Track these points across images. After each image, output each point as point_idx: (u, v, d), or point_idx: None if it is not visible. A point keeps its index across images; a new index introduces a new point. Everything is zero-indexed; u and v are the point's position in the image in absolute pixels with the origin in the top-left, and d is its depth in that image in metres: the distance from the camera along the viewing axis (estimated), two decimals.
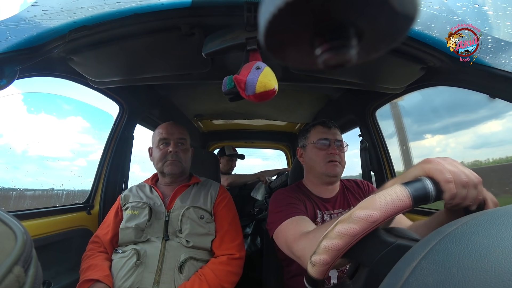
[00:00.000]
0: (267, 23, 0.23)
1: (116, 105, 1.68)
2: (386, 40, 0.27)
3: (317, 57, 0.27)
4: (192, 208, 1.28)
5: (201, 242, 1.23)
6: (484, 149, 1.65)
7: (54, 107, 1.82)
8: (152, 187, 1.38)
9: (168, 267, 1.15)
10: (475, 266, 0.30)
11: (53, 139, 1.94)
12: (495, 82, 0.93)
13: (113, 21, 0.85)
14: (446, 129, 1.95)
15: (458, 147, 1.84)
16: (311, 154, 1.28)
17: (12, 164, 1.52)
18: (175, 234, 1.23)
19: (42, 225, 1.26)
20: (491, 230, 0.34)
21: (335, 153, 1.22)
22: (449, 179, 0.52)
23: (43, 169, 1.73)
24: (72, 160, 2.11)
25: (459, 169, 0.53)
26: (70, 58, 1.01)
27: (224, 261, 1.21)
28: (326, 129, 1.27)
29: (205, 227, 1.26)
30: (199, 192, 1.37)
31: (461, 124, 1.81)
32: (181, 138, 1.38)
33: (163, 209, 1.28)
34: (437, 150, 2.00)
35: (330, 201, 1.24)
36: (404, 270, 0.35)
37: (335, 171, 1.21)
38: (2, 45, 0.72)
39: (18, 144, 1.63)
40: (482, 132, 1.66)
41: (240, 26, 0.83)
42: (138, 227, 1.22)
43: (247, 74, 0.76)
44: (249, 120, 2.84)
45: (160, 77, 1.19)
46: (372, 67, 1.13)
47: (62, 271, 1.31)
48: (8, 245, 0.33)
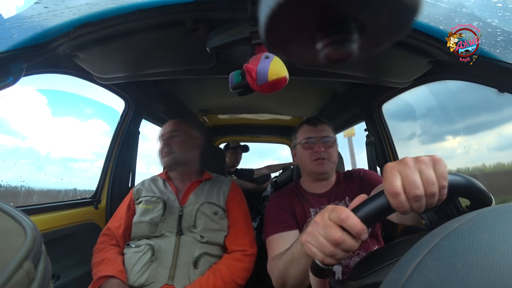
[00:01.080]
0: (267, 18, 0.23)
1: (122, 100, 1.69)
2: (389, 33, 0.26)
3: (319, 52, 0.26)
4: (207, 203, 1.29)
5: (215, 238, 1.24)
6: (510, 151, 1.60)
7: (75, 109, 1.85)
8: (166, 181, 1.40)
9: (182, 262, 1.15)
10: (480, 263, 0.30)
11: (76, 141, 1.98)
12: (504, 76, 0.91)
13: (117, 17, 0.85)
14: (468, 130, 1.90)
15: (481, 148, 1.80)
16: (300, 154, 1.30)
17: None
18: (189, 229, 1.24)
19: (51, 220, 1.28)
20: (497, 226, 0.34)
21: (320, 151, 1.22)
22: (395, 192, 0.48)
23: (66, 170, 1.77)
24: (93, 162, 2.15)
25: (414, 178, 0.48)
26: (75, 55, 1.01)
27: (237, 257, 1.22)
28: (311, 127, 1.28)
29: (218, 223, 1.27)
30: (212, 188, 1.39)
31: (484, 124, 1.75)
32: (174, 131, 1.40)
33: (177, 204, 1.29)
34: (459, 152, 1.95)
35: (325, 195, 1.25)
36: (409, 266, 0.35)
37: (322, 169, 1.22)
38: (8, 43, 0.72)
39: (42, 145, 1.67)
40: (507, 132, 1.60)
41: (244, 20, 0.82)
42: (152, 222, 1.23)
43: (257, 64, 0.75)
44: (255, 115, 2.84)
45: (165, 72, 1.19)
46: (378, 61, 1.12)
47: (71, 264, 1.33)
48: (18, 240, 0.33)
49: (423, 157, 0.52)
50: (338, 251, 0.51)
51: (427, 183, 0.48)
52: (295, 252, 0.74)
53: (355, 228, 0.49)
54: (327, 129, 1.29)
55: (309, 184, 1.31)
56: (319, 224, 0.54)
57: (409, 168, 0.50)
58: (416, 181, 0.48)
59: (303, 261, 0.71)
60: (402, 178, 0.49)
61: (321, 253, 0.52)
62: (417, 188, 0.47)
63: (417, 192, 0.47)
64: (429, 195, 0.48)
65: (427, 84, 1.34)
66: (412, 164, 0.50)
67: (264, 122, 3.09)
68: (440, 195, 0.49)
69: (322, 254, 0.52)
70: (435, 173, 0.49)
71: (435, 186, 0.48)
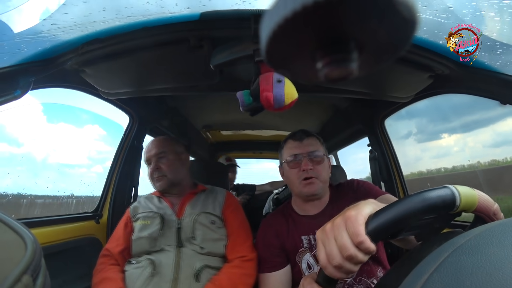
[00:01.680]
0: (268, 39, 0.23)
1: (126, 115, 1.71)
2: (389, 51, 0.27)
3: (319, 71, 0.27)
4: (203, 213, 1.28)
5: (215, 248, 1.23)
6: (505, 147, 1.59)
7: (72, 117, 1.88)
8: (161, 198, 1.39)
9: (184, 275, 1.13)
10: (490, 279, 0.29)
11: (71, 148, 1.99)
12: (505, 89, 0.92)
13: (124, 34, 0.87)
14: (462, 128, 1.90)
15: (477, 146, 1.79)
16: (286, 173, 1.19)
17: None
18: (189, 241, 1.22)
19: (51, 233, 1.27)
20: (506, 240, 0.33)
21: (307, 169, 1.10)
22: (322, 265, 0.50)
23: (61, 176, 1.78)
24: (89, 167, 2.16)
25: (330, 249, 0.48)
26: (82, 70, 1.03)
27: (237, 264, 1.19)
28: (297, 143, 1.17)
29: (217, 232, 1.26)
30: (207, 199, 1.37)
31: (479, 122, 1.75)
32: (160, 152, 1.37)
33: (174, 217, 1.28)
34: (455, 149, 1.94)
35: (318, 217, 1.14)
36: (415, 284, 0.34)
37: (311, 190, 1.10)
38: (17, 57, 0.74)
39: (38, 152, 1.68)
40: (503, 129, 1.60)
41: (247, 37, 0.84)
42: (151, 236, 1.21)
43: (271, 89, 0.76)
44: (258, 131, 2.85)
45: (169, 89, 1.21)
46: (379, 76, 1.13)
47: (70, 279, 1.31)
48: (18, 253, 0.33)
49: (337, 220, 0.51)
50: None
51: (341, 249, 0.47)
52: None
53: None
54: (314, 143, 1.17)
55: (301, 205, 1.20)
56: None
57: (326, 238, 0.50)
58: (332, 251, 0.48)
59: None
60: (324, 249, 0.50)
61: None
62: (333, 259, 0.47)
63: (335, 263, 0.47)
64: (347, 258, 0.46)
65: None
66: (329, 232, 0.50)
67: (267, 138, 3.09)
68: (364, 249, 0.46)
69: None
70: (348, 234, 0.47)
71: (348, 250, 0.46)
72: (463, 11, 0.78)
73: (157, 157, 1.36)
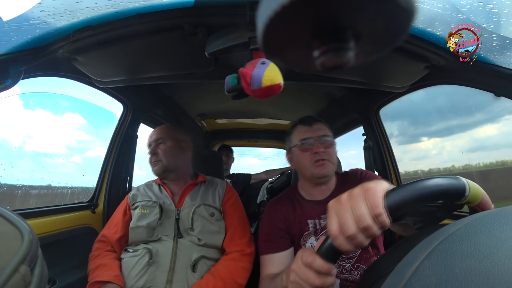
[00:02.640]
0: (264, 26, 0.23)
1: (120, 104, 1.69)
2: (386, 41, 0.27)
3: (316, 59, 0.27)
4: (203, 205, 1.29)
5: (213, 240, 1.24)
6: (480, 152, 1.65)
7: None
8: (161, 186, 1.40)
9: (180, 265, 1.15)
10: (478, 267, 0.30)
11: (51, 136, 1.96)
12: (500, 81, 0.92)
13: (117, 21, 0.85)
14: (441, 133, 1.97)
15: (454, 150, 1.85)
16: (297, 157, 1.21)
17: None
18: (187, 232, 1.23)
19: (47, 224, 1.27)
20: (495, 230, 0.34)
21: (320, 151, 1.13)
22: (333, 235, 0.49)
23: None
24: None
25: (346, 218, 0.48)
26: (74, 58, 1.01)
27: (235, 257, 1.22)
28: (307, 127, 1.19)
29: (216, 225, 1.27)
30: (207, 190, 1.38)
31: (459, 127, 1.82)
32: (159, 139, 1.39)
33: (173, 208, 1.29)
34: (433, 153, 2.01)
35: (323, 202, 1.15)
36: (406, 270, 0.35)
37: (324, 171, 1.13)
38: (7, 46, 0.72)
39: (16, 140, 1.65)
40: (479, 135, 1.66)
41: (243, 25, 0.83)
42: (149, 226, 1.23)
43: (253, 69, 0.75)
44: (253, 119, 2.84)
45: (164, 77, 1.20)
46: (375, 66, 1.13)
47: (67, 269, 1.32)
48: (15, 244, 0.33)
49: (355, 190, 0.51)
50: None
51: (358, 219, 0.47)
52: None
53: (322, 269, 0.52)
54: (323, 128, 1.20)
55: (308, 190, 1.23)
56: (297, 272, 0.56)
57: (342, 207, 0.50)
58: (347, 221, 0.48)
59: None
60: (338, 219, 0.50)
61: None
62: (348, 228, 0.47)
63: (349, 232, 0.47)
64: (363, 229, 0.47)
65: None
66: (345, 202, 0.51)
67: (262, 127, 3.09)
68: (380, 222, 0.47)
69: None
70: (368, 204, 0.48)
71: (365, 220, 0.47)
72: (461, 2, 0.78)
73: (156, 142, 1.38)
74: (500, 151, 1.54)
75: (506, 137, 1.51)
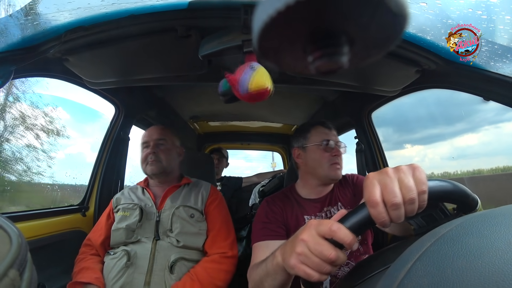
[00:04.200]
0: (260, 30, 0.23)
1: (112, 106, 1.67)
2: (379, 46, 0.27)
3: (310, 64, 0.27)
4: (182, 207, 1.28)
5: (192, 242, 1.23)
6: (461, 160, 1.71)
7: None
8: (145, 189, 1.39)
9: (158, 267, 1.15)
10: (469, 267, 0.30)
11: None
12: (489, 85, 0.94)
13: (110, 22, 0.84)
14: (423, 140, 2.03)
15: (436, 157, 1.90)
16: (314, 155, 1.22)
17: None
18: (166, 233, 1.23)
19: (37, 227, 1.24)
20: (485, 231, 0.35)
21: (339, 155, 1.20)
22: (373, 201, 0.48)
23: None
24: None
25: (392, 187, 0.48)
26: (65, 59, 1.00)
27: (216, 259, 1.21)
28: (327, 130, 1.24)
29: (195, 226, 1.27)
30: (189, 192, 1.38)
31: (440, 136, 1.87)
32: (160, 139, 1.39)
33: (154, 210, 1.28)
34: (416, 160, 2.06)
35: (319, 201, 1.21)
36: (399, 272, 0.35)
37: (338, 175, 1.19)
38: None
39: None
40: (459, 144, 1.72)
41: (237, 28, 0.83)
42: (129, 228, 1.22)
43: (241, 74, 0.75)
44: (245, 122, 2.84)
45: (157, 79, 1.19)
46: (368, 70, 1.14)
47: (57, 273, 1.29)
48: (3, 248, 0.32)
49: (402, 166, 0.52)
50: (333, 268, 0.50)
51: (406, 190, 0.48)
52: (270, 267, 0.71)
53: (347, 239, 0.48)
54: (337, 135, 1.26)
55: (310, 189, 1.25)
56: (309, 242, 0.52)
57: (388, 177, 0.50)
58: (394, 189, 0.48)
59: (279, 277, 0.68)
60: (381, 188, 0.49)
61: (318, 273, 0.51)
62: (395, 196, 0.47)
63: (395, 200, 0.47)
64: (408, 201, 0.47)
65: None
66: (391, 173, 0.51)
67: (255, 130, 3.09)
68: (420, 201, 0.48)
69: (319, 274, 0.50)
70: (414, 180, 0.49)
71: (413, 192, 0.48)
72: (451, 8, 0.79)
73: (157, 142, 1.38)
74: (479, 160, 1.61)
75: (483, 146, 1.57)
